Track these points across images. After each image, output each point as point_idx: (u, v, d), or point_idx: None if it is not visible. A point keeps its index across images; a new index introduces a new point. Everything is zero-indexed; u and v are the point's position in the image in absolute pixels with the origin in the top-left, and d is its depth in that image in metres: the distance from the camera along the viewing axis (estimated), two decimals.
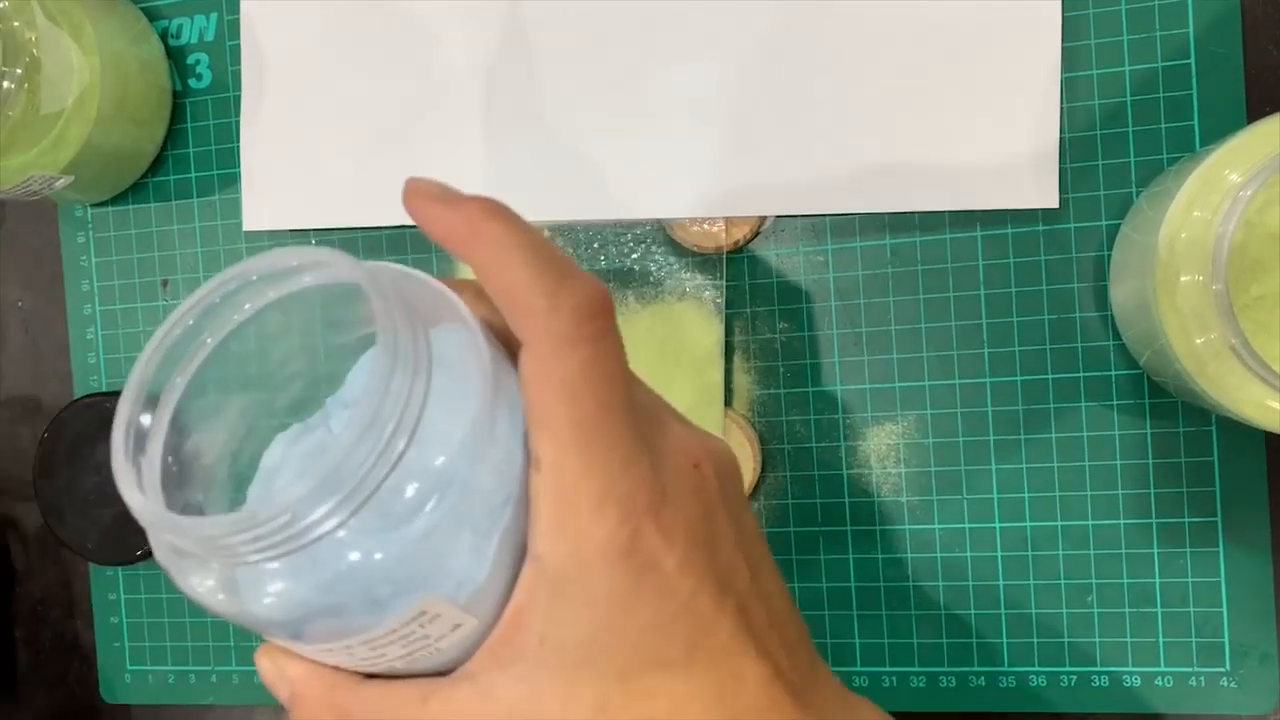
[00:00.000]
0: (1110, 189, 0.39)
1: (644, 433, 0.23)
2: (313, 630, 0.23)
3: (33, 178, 0.42)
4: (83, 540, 0.48)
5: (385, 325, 0.21)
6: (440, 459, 0.21)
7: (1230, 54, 0.37)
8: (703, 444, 0.25)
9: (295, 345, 0.25)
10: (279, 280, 0.24)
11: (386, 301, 0.22)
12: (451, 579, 0.22)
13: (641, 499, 0.22)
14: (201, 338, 0.24)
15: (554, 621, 0.22)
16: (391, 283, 0.22)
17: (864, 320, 0.41)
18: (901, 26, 0.39)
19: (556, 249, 0.23)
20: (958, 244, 0.40)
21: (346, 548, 0.21)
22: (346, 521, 0.21)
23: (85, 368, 0.49)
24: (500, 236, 0.23)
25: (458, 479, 0.21)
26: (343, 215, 0.44)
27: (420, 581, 0.22)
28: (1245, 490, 0.38)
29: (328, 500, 0.20)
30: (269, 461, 0.25)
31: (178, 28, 0.47)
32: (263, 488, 0.25)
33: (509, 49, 0.42)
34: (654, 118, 0.41)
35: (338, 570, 0.21)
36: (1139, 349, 0.37)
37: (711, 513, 0.24)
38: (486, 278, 0.23)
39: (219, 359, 0.24)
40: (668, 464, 0.23)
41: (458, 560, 0.22)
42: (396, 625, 0.22)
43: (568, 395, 0.22)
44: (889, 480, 0.41)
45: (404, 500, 0.21)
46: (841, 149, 0.39)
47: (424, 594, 0.22)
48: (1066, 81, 0.39)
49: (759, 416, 0.42)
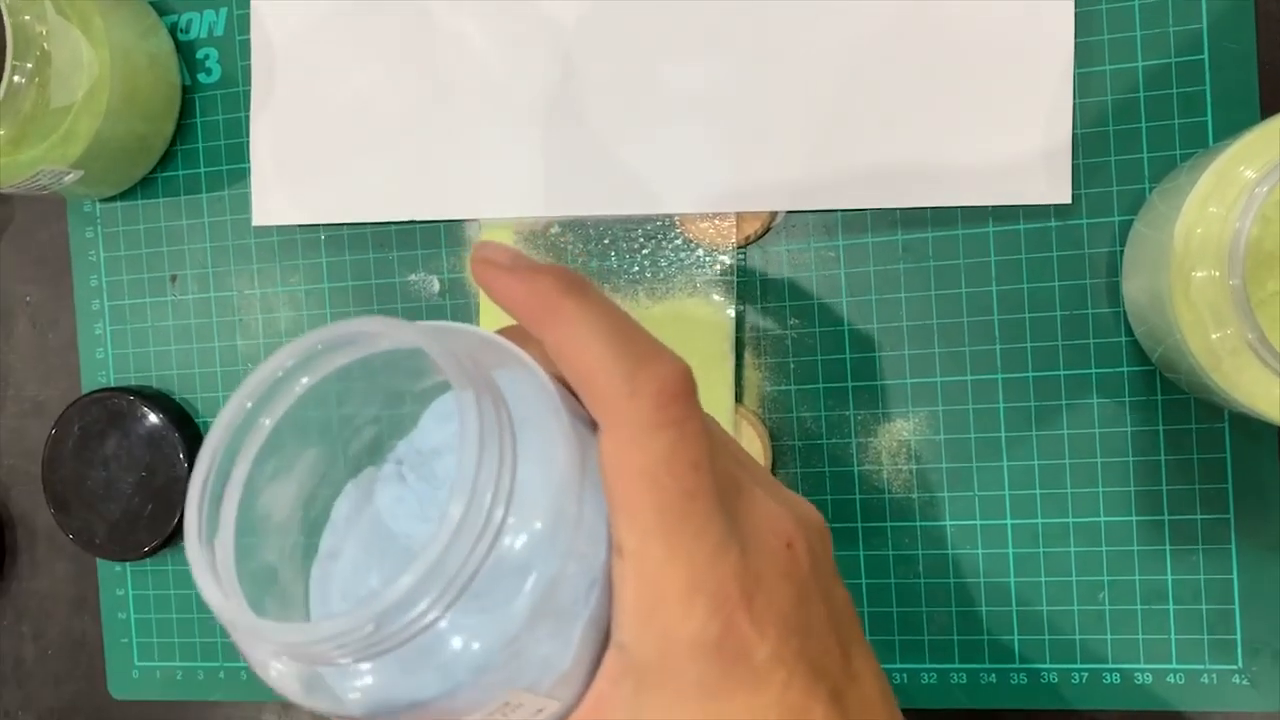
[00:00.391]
0: (1123, 185, 0.38)
1: (732, 511, 0.22)
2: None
3: (42, 172, 0.41)
4: (91, 535, 0.48)
5: (466, 404, 0.20)
6: (535, 534, 0.21)
7: (1244, 49, 0.37)
8: (793, 516, 0.24)
9: (362, 397, 0.25)
10: (339, 351, 0.23)
11: (461, 373, 0.21)
12: (538, 665, 0.21)
13: (733, 590, 0.21)
14: (260, 419, 0.23)
15: (638, 710, 0.22)
16: (465, 350, 0.22)
17: (875, 316, 0.41)
18: (914, 22, 0.39)
19: (634, 324, 0.23)
20: (970, 240, 0.40)
21: (445, 639, 0.20)
22: (446, 613, 0.20)
23: (93, 363, 0.49)
24: (577, 315, 0.22)
25: (551, 557, 0.21)
26: (353, 210, 0.44)
27: (510, 670, 0.21)
28: (1258, 487, 0.38)
29: (430, 592, 0.19)
30: (340, 512, 0.25)
31: (187, 22, 0.47)
32: (336, 538, 0.24)
33: (519, 45, 0.42)
34: (666, 113, 0.41)
35: (431, 663, 0.21)
36: (1152, 345, 0.37)
37: (804, 595, 0.23)
38: (561, 357, 0.22)
39: (284, 421, 0.24)
40: (758, 547, 0.22)
41: (545, 645, 0.21)
42: (482, 716, 0.22)
43: (649, 483, 0.21)
44: (900, 476, 0.41)
45: (503, 582, 0.21)
46: (853, 145, 0.39)
47: (511, 685, 0.21)
48: (1079, 77, 0.38)
49: (770, 412, 0.42)
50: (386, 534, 0.24)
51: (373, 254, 0.45)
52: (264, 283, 0.47)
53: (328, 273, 0.46)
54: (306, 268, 0.46)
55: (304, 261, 0.46)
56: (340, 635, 0.19)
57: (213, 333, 0.47)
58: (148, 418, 0.47)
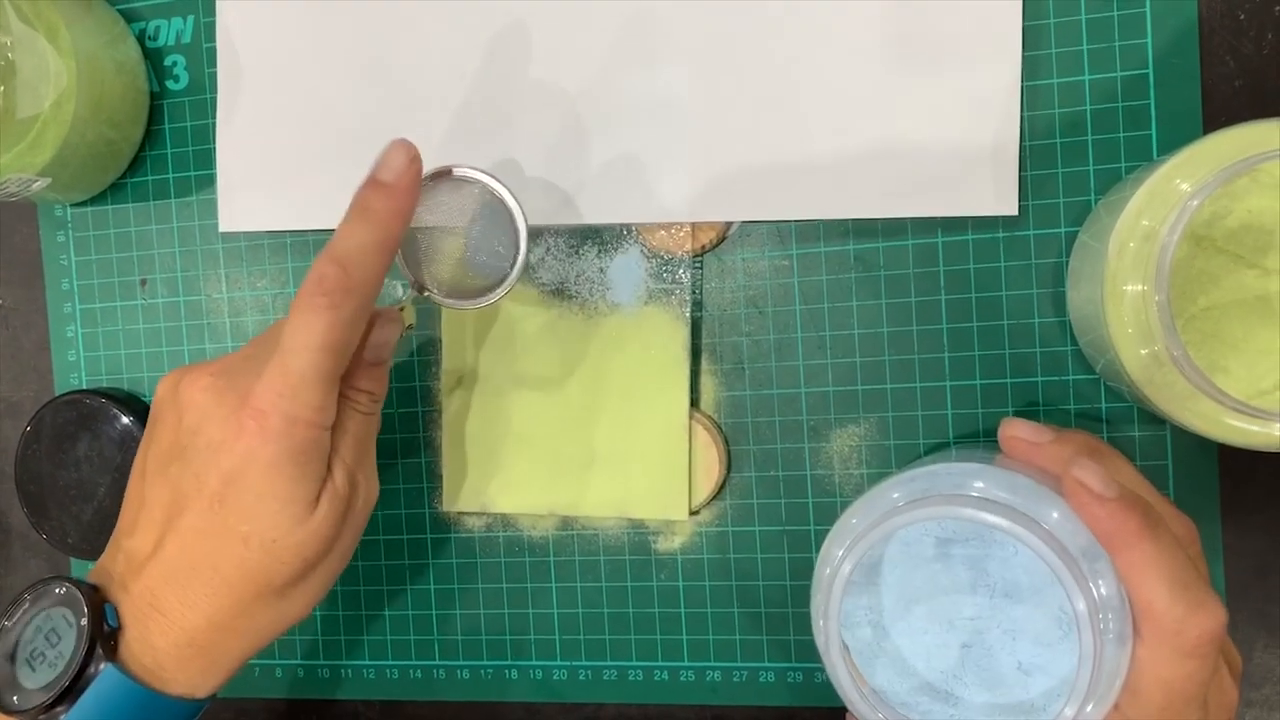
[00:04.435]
0: (1069, 196, 0.39)
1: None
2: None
3: (10, 180, 0.42)
4: (63, 534, 0.48)
5: (1088, 616, 0.27)
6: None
7: (1188, 65, 0.38)
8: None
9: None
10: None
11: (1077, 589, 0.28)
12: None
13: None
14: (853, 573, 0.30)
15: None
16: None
17: (828, 324, 0.42)
18: (864, 35, 0.39)
19: (1192, 569, 0.28)
20: (919, 250, 0.40)
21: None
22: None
23: (65, 365, 0.50)
24: (1151, 554, 0.28)
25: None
26: (317, 217, 0.45)
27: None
28: (1198, 493, 0.39)
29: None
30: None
31: (155, 29, 0.47)
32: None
33: (479, 55, 0.43)
34: (623, 124, 0.42)
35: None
36: (1094, 355, 0.37)
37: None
38: (1128, 579, 0.28)
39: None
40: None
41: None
42: None
43: (1163, 690, 0.28)
44: (851, 481, 0.42)
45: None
46: (805, 157, 0.40)
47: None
48: (1027, 90, 0.39)
49: (725, 417, 0.43)
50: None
51: None
52: (232, 287, 0.47)
53: (294, 277, 0.46)
54: (273, 272, 0.47)
55: (271, 266, 0.47)
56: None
57: (182, 335, 0.48)
58: (119, 419, 0.47)
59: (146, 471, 0.36)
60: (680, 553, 0.44)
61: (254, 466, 0.34)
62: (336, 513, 0.36)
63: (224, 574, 0.35)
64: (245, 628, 0.36)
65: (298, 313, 0.34)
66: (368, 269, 0.34)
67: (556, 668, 0.45)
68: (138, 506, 0.36)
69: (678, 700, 0.44)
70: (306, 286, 0.34)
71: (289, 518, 0.34)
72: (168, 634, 0.35)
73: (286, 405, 0.33)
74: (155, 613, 0.35)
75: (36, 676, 0.35)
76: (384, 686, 0.47)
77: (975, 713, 0.29)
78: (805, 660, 0.42)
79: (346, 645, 0.47)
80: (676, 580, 0.44)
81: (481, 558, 0.46)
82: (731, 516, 0.43)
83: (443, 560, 0.46)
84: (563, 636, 0.45)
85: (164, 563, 0.35)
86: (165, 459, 0.36)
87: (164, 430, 0.36)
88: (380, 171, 0.35)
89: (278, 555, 0.34)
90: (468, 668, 0.46)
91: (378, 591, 0.47)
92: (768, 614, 0.43)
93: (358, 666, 0.47)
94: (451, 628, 0.46)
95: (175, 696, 0.35)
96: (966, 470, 0.31)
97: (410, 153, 0.35)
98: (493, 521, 0.45)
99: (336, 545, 0.36)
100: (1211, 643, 0.28)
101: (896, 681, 0.30)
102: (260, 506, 0.34)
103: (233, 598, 0.35)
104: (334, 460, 0.36)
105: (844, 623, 0.31)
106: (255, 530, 0.34)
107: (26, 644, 0.36)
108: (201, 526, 0.34)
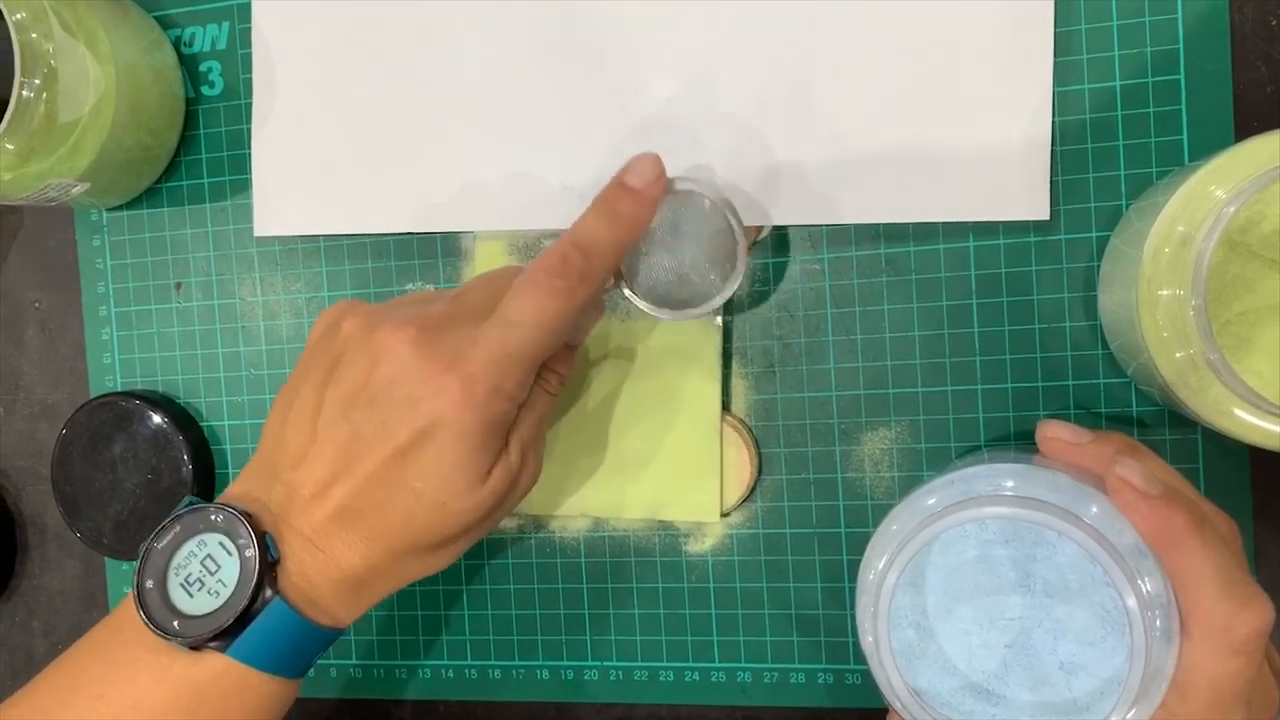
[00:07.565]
0: (1100, 201, 0.39)
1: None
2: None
3: (50, 184, 0.43)
4: (98, 534, 0.49)
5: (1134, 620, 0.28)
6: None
7: (1219, 70, 0.38)
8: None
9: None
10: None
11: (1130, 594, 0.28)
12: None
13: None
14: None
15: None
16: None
17: (859, 328, 0.42)
18: (896, 42, 0.40)
19: (1238, 566, 0.29)
20: (951, 254, 0.41)
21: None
22: None
23: (100, 368, 0.50)
24: (1199, 554, 0.28)
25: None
26: (352, 221, 0.45)
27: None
28: (1229, 497, 0.39)
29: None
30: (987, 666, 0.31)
31: (190, 36, 0.48)
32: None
33: (518, 59, 0.43)
34: (661, 130, 0.42)
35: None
36: (1126, 359, 0.38)
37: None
38: (1175, 577, 0.29)
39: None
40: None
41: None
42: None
43: (1211, 687, 0.28)
44: (882, 484, 0.42)
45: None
46: (838, 162, 0.40)
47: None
48: (1058, 95, 0.39)
49: (756, 421, 0.43)
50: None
51: (371, 263, 0.46)
52: (266, 290, 0.48)
53: (328, 281, 0.47)
54: (307, 276, 0.47)
55: (304, 270, 0.47)
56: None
57: (216, 339, 0.48)
58: (153, 421, 0.48)
59: (324, 408, 0.36)
60: (711, 554, 0.44)
61: (447, 430, 0.34)
62: (504, 486, 0.36)
63: (389, 523, 0.35)
64: (395, 573, 0.36)
65: (531, 289, 0.34)
66: (606, 263, 0.36)
67: (588, 668, 0.45)
68: (308, 440, 0.36)
69: (709, 701, 0.44)
70: (545, 266, 0.35)
71: (464, 484, 0.35)
72: (324, 571, 0.35)
73: (496, 376, 0.34)
74: (314, 548, 0.35)
75: (195, 603, 0.34)
76: (416, 686, 0.48)
77: (1020, 712, 0.30)
78: (836, 661, 0.43)
79: (379, 645, 0.48)
80: (708, 582, 0.44)
81: (513, 559, 0.46)
82: (762, 519, 0.43)
83: (475, 561, 0.46)
84: (594, 637, 0.45)
85: (331, 502, 0.35)
86: (349, 401, 0.35)
87: (351, 372, 0.35)
88: (630, 176, 0.36)
89: (444, 517, 0.35)
90: (499, 668, 0.46)
91: (410, 592, 0.47)
92: (798, 615, 0.43)
93: (389, 666, 0.48)
94: (483, 628, 0.46)
95: (324, 627, 0.36)
96: (1005, 471, 0.31)
97: (660, 167, 0.36)
98: (524, 523, 0.46)
99: (492, 515, 0.37)
100: (1259, 639, 0.28)
101: (940, 682, 0.30)
102: (441, 468, 0.34)
103: (391, 546, 0.35)
104: (512, 435, 0.36)
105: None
106: (429, 489, 0.34)
107: (179, 569, 0.35)
108: (379, 475, 0.34)
